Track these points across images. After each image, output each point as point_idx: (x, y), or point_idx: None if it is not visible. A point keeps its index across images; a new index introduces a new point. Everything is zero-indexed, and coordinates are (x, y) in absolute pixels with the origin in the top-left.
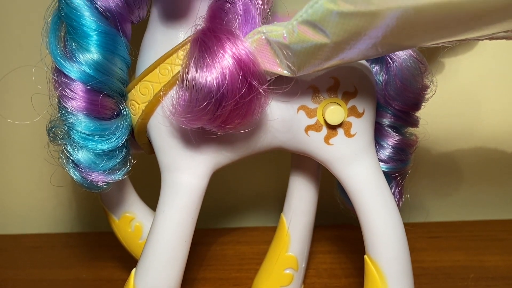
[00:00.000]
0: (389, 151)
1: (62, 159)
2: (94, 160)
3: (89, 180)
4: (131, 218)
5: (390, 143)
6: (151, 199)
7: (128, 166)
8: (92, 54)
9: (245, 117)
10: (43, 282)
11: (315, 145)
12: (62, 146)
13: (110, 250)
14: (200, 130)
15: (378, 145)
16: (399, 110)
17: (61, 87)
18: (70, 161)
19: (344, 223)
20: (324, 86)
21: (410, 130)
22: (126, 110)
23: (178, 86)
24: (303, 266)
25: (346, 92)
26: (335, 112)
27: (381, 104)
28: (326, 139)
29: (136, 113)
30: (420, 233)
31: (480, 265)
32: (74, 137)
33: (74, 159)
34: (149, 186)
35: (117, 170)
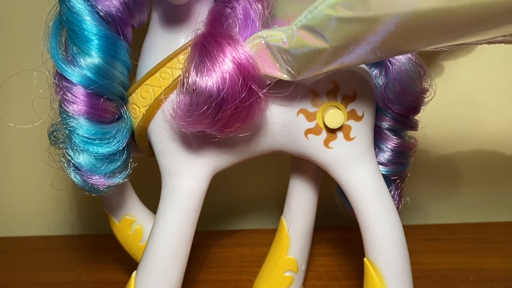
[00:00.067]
0: (388, 154)
1: (63, 163)
2: (95, 163)
3: (90, 183)
4: (132, 221)
5: (390, 146)
6: (152, 202)
7: (128, 170)
8: (93, 58)
9: (245, 120)
10: (44, 284)
11: (315, 148)
12: (63, 150)
13: (110, 252)
14: (200, 133)
15: (378, 148)
16: (398, 113)
17: (62, 91)
18: (71, 164)
19: (344, 225)
20: (323, 90)
21: (409, 133)
22: (127, 113)
23: (179, 90)
24: (303, 268)
25: (346, 95)
26: (335, 115)
27: (380, 107)
28: (326, 143)
29: (136, 116)
30: (419, 235)
31: (479, 267)
32: (75, 140)
33: (75, 163)
34: (149, 189)
35: (118, 174)
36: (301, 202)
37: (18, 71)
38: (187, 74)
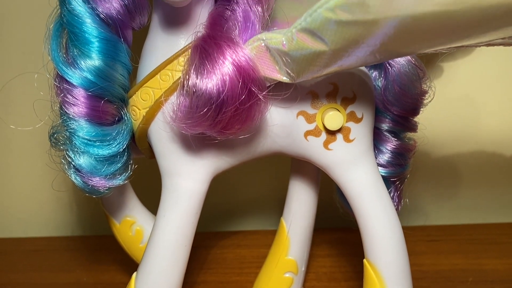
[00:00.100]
0: (388, 156)
1: (64, 164)
2: (95, 165)
3: (90, 185)
4: (132, 222)
5: (389, 148)
6: (152, 203)
7: (129, 171)
8: (93, 61)
9: (245, 122)
10: (44, 285)
11: (314, 150)
12: (64, 152)
13: (111, 253)
14: (200, 135)
15: (377, 150)
16: (398, 115)
17: (63, 93)
18: (72, 166)
19: (343, 226)
20: (323, 92)
21: (408, 135)
22: (127, 115)
23: (179, 92)
24: (303, 269)
25: (345, 97)
26: (334, 117)
27: (380, 109)
28: (325, 144)
29: (137, 118)
30: (419, 236)
31: (479, 268)
32: (75, 142)
33: (75, 164)
34: (150, 190)
35: (118, 175)
36: (301, 203)
37: (19, 74)
38: (187, 76)
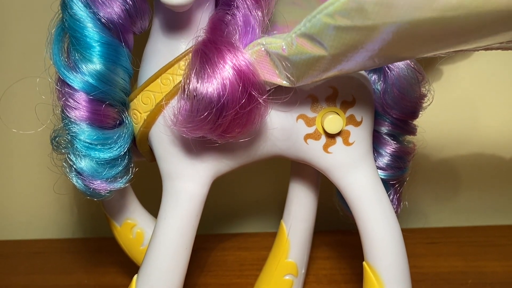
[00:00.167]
0: (387, 159)
1: (65, 168)
2: (96, 168)
3: (91, 188)
4: (133, 224)
5: (388, 151)
6: (153, 206)
7: (130, 174)
8: (95, 65)
9: (245, 126)
10: (45, 287)
11: (314, 153)
12: (65, 155)
13: (111, 255)
14: (201, 139)
15: (377, 153)
16: (397, 118)
17: (64, 97)
18: (73, 169)
19: (343, 229)
20: (322, 96)
21: (408, 138)
22: (128, 119)
23: (180, 96)
24: (303, 272)
25: (345, 101)
26: (334, 121)
27: (379, 112)
28: (325, 148)
29: (138, 122)
30: (419, 238)
31: (478, 270)
32: (77, 146)
33: (77, 168)
34: (150, 193)
35: (119, 178)
36: (300, 206)
37: (21, 78)
38: (188, 81)
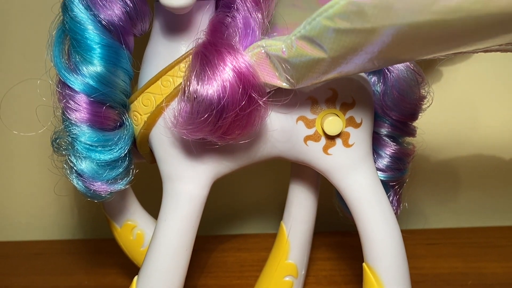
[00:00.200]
0: (387, 161)
1: (66, 169)
2: (97, 170)
3: (92, 189)
4: (133, 226)
5: (388, 153)
6: (153, 208)
7: (130, 176)
8: (95, 67)
9: (245, 128)
10: None
11: (314, 154)
12: (66, 157)
13: (112, 257)
14: (201, 140)
15: (376, 154)
16: (397, 120)
17: (65, 99)
18: (74, 171)
19: (343, 230)
20: (322, 97)
21: (407, 139)
22: (129, 120)
23: (180, 98)
24: (303, 273)
25: (344, 103)
26: (333, 122)
27: (378, 114)
28: (325, 149)
29: (138, 123)
30: (418, 240)
31: (478, 272)
32: (77, 147)
33: (77, 169)
34: (151, 194)
35: (119, 180)
36: (300, 207)
37: (22, 80)
38: (188, 82)
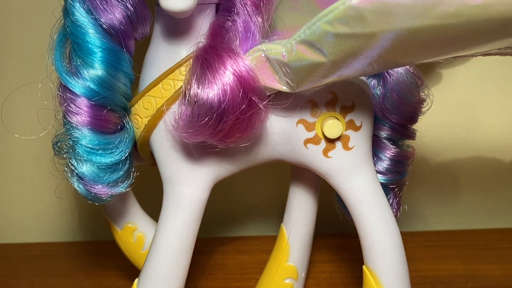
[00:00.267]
0: (386, 163)
1: (67, 172)
2: (98, 173)
3: (93, 192)
4: (134, 228)
5: (388, 155)
6: (153, 210)
7: (131, 179)
8: (96, 70)
9: (245, 131)
10: None
11: (314, 157)
12: (67, 160)
13: (112, 259)
14: (201, 143)
15: (376, 157)
16: (396, 123)
17: (66, 103)
18: (75, 174)
19: (343, 232)
20: (322, 101)
21: (407, 142)
22: (129, 124)
23: (180, 101)
24: (303, 275)
25: (344, 106)
26: (333, 126)
27: (378, 117)
28: (325, 152)
29: (139, 127)
30: (418, 242)
31: (478, 274)
32: (78, 151)
33: (78, 172)
34: (151, 197)
35: (120, 183)
36: (301, 210)
37: (23, 84)
38: (189, 86)
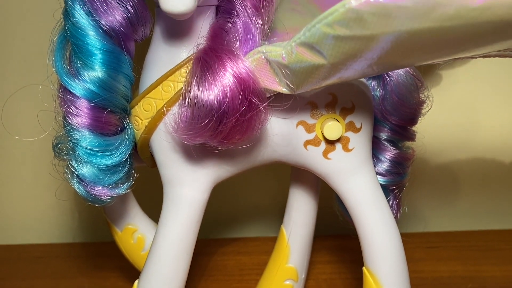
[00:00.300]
0: (386, 165)
1: (67, 174)
2: (98, 175)
3: (93, 194)
4: (134, 230)
5: (388, 157)
6: (154, 212)
7: (131, 180)
8: (96, 72)
9: (245, 133)
10: None
11: (314, 159)
12: (67, 161)
13: (112, 260)
14: (201, 145)
15: (376, 158)
16: (396, 124)
17: (66, 104)
18: (75, 175)
19: (343, 233)
20: (322, 102)
21: (407, 143)
22: (130, 125)
23: (181, 103)
24: (303, 277)
25: (344, 108)
26: (333, 127)
27: (378, 118)
28: (325, 154)
29: (139, 128)
30: (418, 243)
31: (477, 275)
32: (78, 152)
33: (78, 174)
34: (151, 199)
35: (120, 185)
36: (301, 212)
37: (23, 85)
38: (189, 88)
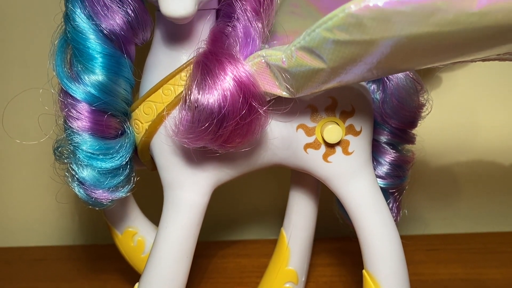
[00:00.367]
0: (386, 168)
1: (68, 177)
2: (98, 178)
3: (93, 197)
4: (134, 232)
5: (388, 160)
6: (154, 214)
7: (131, 184)
8: (97, 76)
9: (245, 136)
10: None
11: (314, 162)
12: (68, 165)
13: (113, 262)
14: (201, 149)
15: (376, 161)
16: (396, 127)
17: (67, 108)
18: (75, 179)
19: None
20: (322, 106)
21: (407, 146)
22: (130, 129)
23: (181, 107)
24: (303, 279)
25: (344, 111)
26: (333, 131)
27: (378, 122)
28: (325, 157)
29: (139, 132)
30: (418, 245)
31: (478, 278)
32: (79, 156)
33: (79, 177)
34: (151, 202)
35: (121, 188)
36: (301, 214)
37: (24, 89)
38: (189, 91)
